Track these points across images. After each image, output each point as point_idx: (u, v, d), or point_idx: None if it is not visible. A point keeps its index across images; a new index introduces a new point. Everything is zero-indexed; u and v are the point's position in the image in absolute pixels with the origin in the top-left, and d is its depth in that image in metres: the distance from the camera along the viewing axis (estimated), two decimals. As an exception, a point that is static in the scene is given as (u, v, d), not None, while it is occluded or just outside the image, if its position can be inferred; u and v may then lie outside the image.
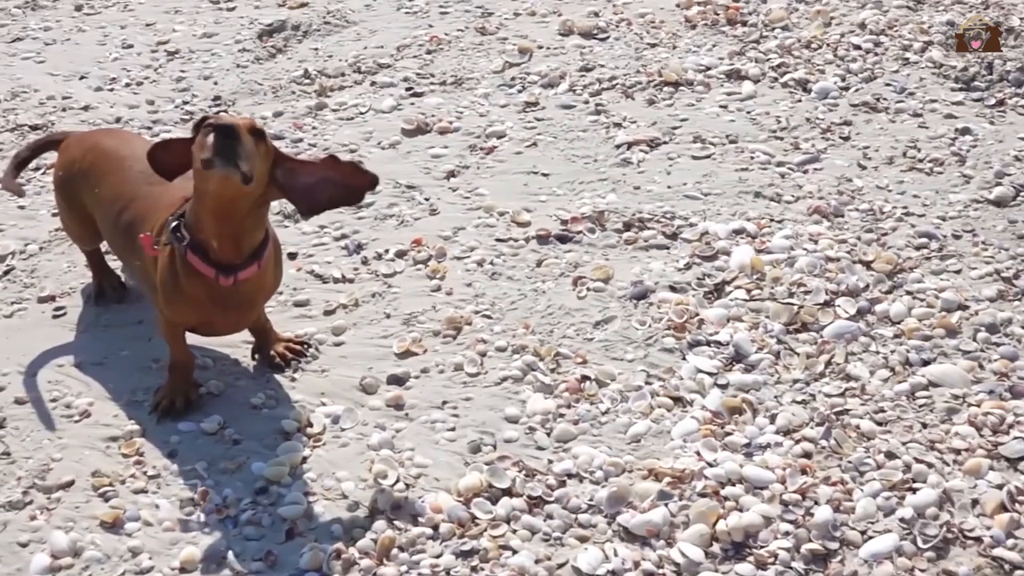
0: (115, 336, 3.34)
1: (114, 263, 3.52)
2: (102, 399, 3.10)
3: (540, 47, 4.82)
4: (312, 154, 4.04)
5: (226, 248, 2.76)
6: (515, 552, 2.58)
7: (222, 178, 2.59)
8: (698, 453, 2.80)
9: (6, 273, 3.62)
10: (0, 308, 3.47)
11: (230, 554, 2.60)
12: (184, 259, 2.78)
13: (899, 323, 3.19)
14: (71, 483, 2.83)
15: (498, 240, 3.63)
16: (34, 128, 4.44)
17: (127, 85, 4.78)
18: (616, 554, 2.55)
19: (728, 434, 2.86)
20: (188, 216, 2.78)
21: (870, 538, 2.56)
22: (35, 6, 5.62)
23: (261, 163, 2.66)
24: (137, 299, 3.45)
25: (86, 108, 4.56)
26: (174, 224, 2.79)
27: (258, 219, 2.80)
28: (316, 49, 4.98)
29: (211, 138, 2.54)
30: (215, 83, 4.74)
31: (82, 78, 4.86)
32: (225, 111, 4.49)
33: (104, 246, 3.44)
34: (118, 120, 4.46)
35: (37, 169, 4.15)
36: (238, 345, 3.24)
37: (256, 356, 3.20)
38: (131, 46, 5.12)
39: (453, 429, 2.94)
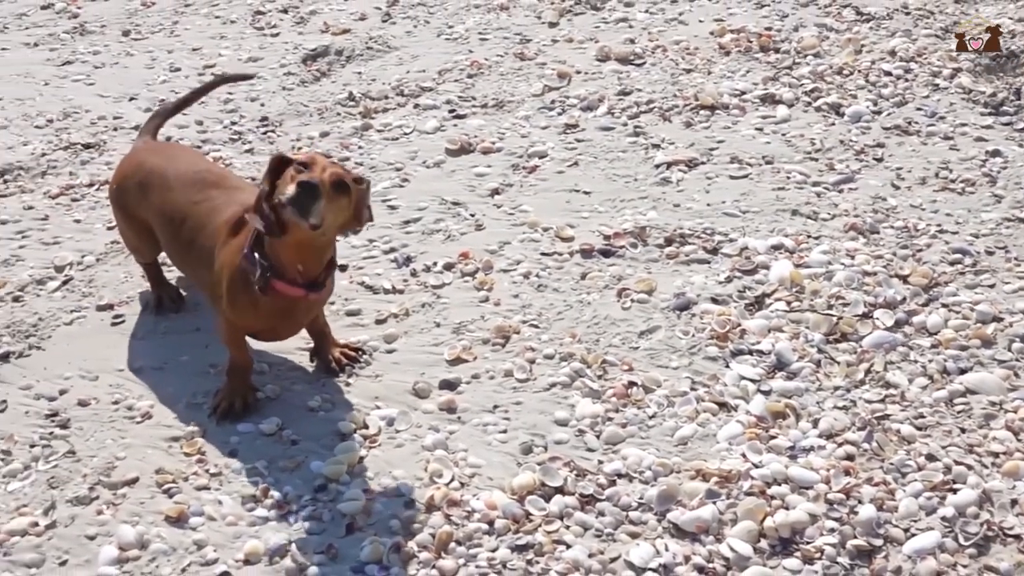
0: (173, 343, 3.44)
1: (170, 274, 3.62)
2: (163, 402, 3.20)
3: (578, 72, 4.94)
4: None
5: (293, 272, 2.88)
6: (569, 547, 2.67)
7: (293, 222, 2.73)
8: (744, 455, 2.89)
9: (65, 283, 3.73)
10: (60, 316, 3.57)
11: (293, 547, 2.69)
12: (267, 282, 2.88)
13: (936, 334, 3.28)
14: (135, 480, 2.93)
15: (543, 254, 3.73)
16: (87, 146, 4.57)
17: (176, 107, 4.90)
18: (667, 549, 2.64)
19: (772, 437, 2.95)
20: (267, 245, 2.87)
21: (913, 535, 2.65)
22: (83, 31, 5.76)
23: (336, 216, 2.78)
24: (194, 307, 3.56)
25: (137, 128, 4.67)
26: (256, 255, 2.88)
27: (330, 249, 2.94)
28: (359, 73, 5.11)
29: (292, 188, 2.66)
30: (262, 105, 4.87)
31: (131, 99, 4.99)
32: (300, 148, 4.62)
33: (161, 257, 3.55)
34: (168, 139, 4.57)
35: (91, 185, 4.28)
36: (293, 351, 3.34)
37: (314, 359, 3.29)
38: (178, 69, 5.26)
39: (505, 431, 3.03)
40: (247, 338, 3.15)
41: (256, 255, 2.87)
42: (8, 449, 3.04)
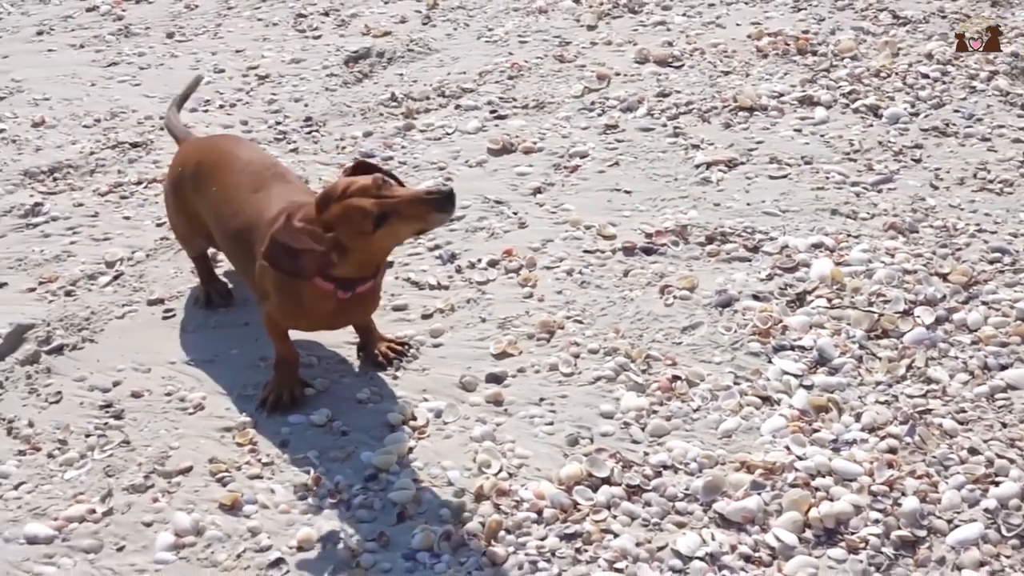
0: (224, 336, 3.50)
1: (219, 268, 3.69)
2: (214, 393, 3.27)
3: (617, 74, 5.00)
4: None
5: (368, 271, 2.97)
6: (616, 535, 2.72)
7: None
8: (787, 448, 2.93)
9: (116, 278, 3.80)
10: (112, 310, 3.64)
11: (345, 534, 2.74)
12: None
13: (976, 331, 3.32)
14: (189, 469, 2.99)
15: (585, 252, 3.78)
16: (134, 145, 4.66)
17: (221, 107, 4.98)
18: (713, 538, 2.68)
19: (815, 431, 2.99)
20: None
21: (956, 527, 2.69)
22: (128, 33, 5.85)
23: None
24: (243, 302, 3.62)
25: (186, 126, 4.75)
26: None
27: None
28: (401, 74, 5.18)
29: (437, 215, 2.76)
30: (305, 105, 4.94)
31: (177, 100, 5.07)
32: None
33: (211, 251, 3.62)
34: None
35: (139, 183, 4.36)
36: (341, 345, 3.40)
37: (361, 354, 3.35)
38: (223, 71, 5.34)
39: (551, 424, 3.08)
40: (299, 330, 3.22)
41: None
42: (64, 439, 3.11)
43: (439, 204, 2.71)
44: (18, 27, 6.08)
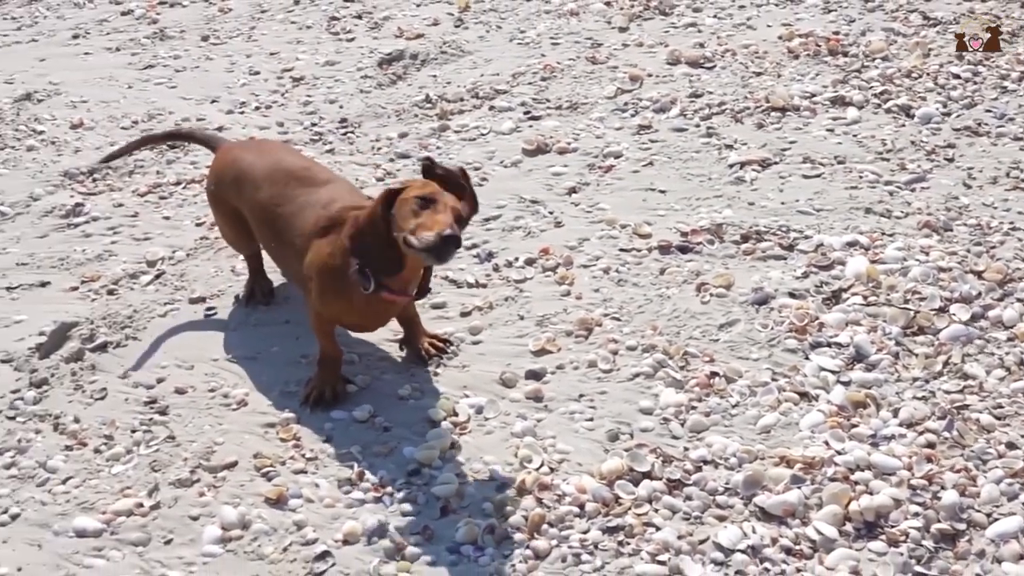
0: (265, 334, 3.54)
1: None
2: (257, 390, 3.31)
3: (650, 75, 5.03)
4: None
5: (398, 284, 3.02)
6: (658, 529, 2.74)
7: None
8: (826, 442, 2.96)
9: (157, 277, 3.85)
10: (154, 308, 3.69)
11: (391, 527, 2.78)
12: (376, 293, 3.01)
13: (1012, 327, 3.34)
14: (235, 464, 3.03)
15: (622, 250, 3.82)
16: (172, 147, 4.70)
17: (256, 108, 5.03)
18: (754, 531, 2.71)
19: (854, 426, 3.02)
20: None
21: (996, 520, 2.71)
22: (163, 37, 5.92)
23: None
24: (284, 301, 3.67)
25: (220, 129, 4.79)
26: (358, 267, 2.98)
27: None
28: (435, 76, 5.23)
29: (432, 237, 2.71)
30: (340, 107, 4.99)
31: (213, 102, 5.13)
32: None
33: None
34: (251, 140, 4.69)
35: (178, 183, 4.41)
36: (382, 342, 3.44)
37: (404, 348, 3.40)
38: (258, 73, 5.39)
39: (591, 419, 3.11)
40: (340, 328, 3.26)
41: (365, 270, 2.97)
42: (110, 434, 3.16)
43: (440, 239, 2.70)
44: (54, 31, 6.15)
